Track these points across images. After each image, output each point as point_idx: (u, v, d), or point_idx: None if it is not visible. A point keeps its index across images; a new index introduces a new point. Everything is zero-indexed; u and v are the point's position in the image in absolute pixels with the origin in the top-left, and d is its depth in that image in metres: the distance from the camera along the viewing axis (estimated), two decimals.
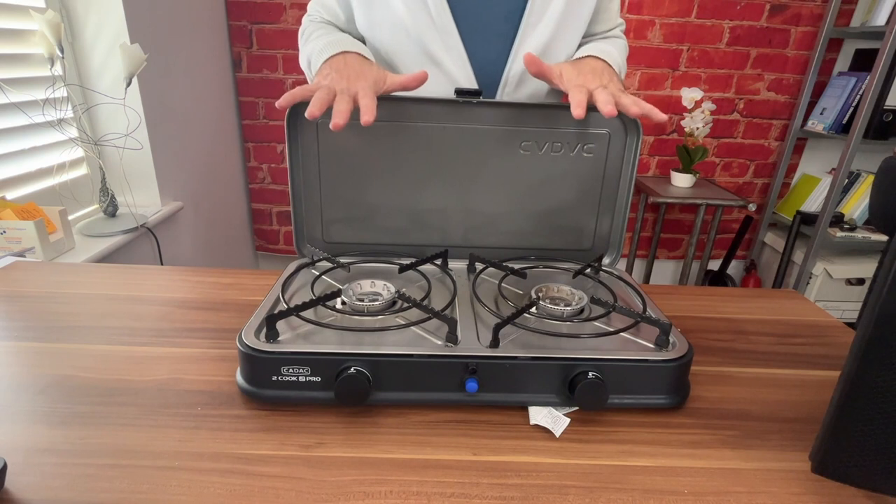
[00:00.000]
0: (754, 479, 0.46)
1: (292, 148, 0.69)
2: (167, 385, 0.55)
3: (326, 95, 0.56)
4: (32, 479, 0.42)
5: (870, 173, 2.25)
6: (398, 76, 0.65)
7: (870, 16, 2.03)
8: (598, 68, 0.70)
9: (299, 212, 0.73)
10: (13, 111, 1.21)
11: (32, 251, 1.10)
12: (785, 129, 2.31)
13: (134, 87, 1.40)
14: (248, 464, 0.45)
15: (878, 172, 0.88)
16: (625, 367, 0.52)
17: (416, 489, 0.43)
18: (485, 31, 0.77)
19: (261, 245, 2.43)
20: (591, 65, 0.71)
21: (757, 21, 2.12)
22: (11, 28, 1.21)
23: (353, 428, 0.50)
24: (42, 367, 0.57)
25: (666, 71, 2.18)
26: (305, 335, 0.55)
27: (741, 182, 2.41)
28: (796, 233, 2.19)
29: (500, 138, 0.71)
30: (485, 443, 0.49)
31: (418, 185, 0.73)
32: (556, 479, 0.45)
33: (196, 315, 0.70)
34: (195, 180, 1.82)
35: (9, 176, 1.21)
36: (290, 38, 2.07)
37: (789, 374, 0.63)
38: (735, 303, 0.80)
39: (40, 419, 0.49)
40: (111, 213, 1.43)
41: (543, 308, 0.61)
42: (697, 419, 0.54)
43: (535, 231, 0.76)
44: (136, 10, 1.44)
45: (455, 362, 0.51)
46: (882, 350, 0.39)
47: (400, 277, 0.69)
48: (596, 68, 0.70)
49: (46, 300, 0.72)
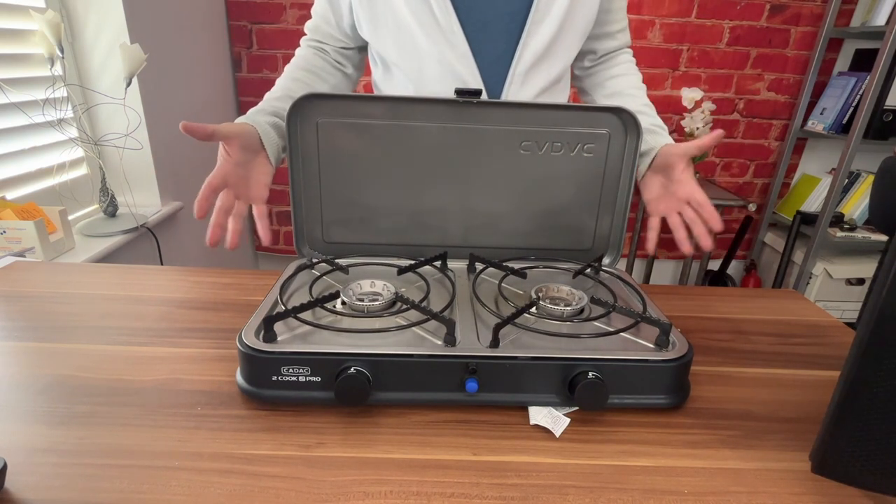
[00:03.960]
0: (754, 479, 0.46)
1: (292, 148, 0.69)
2: (167, 385, 0.55)
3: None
4: (32, 479, 0.42)
5: (870, 173, 2.25)
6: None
7: (870, 16, 2.03)
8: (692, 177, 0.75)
9: (299, 212, 0.73)
10: (13, 111, 1.21)
11: (32, 251, 1.10)
12: (785, 129, 2.31)
13: (134, 87, 1.40)
14: (247, 464, 0.45)
15: (878, 172, 0.88)
16: (625, 367, 0.52)
17: (416, 489, 0.43)
18: (489, 29, 0.77)
19: (261, 245, 2.43)
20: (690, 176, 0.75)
21: (757, 21, 2.12)
22: (11, 28, 1.21)
23: (352, 428, 0.50)
24: (42, 367, 0.57)
25: (666, 71, 2.18)
26: (305, 335, 0.55)
27: (741, 182, 2.41)
28: (796, 233, 2.19)
29: (500, 138, 0.71)
30: (485, 443, 0.49)
31: (418, 186, 0.73)
32: (556, 479, 0.45)
33: (196, 315, 0.69)
34: (195, 180, 1.81)
35: (9, 176, 1.21)
36: (290, 38, 2.07)
37: (789, 374, 0.63)
38: (735, 303, 0.80)
39: (40, 419, 0.49)
40: (111, 213, 1.43)
41: (543, 308, 0.61)
42: (697, 419, 0.54)
43: (535, 231, 0.76)
44: (136, 10, 1.44)
45: (455, 362, 0.51)
46: (882, 350, 0.39)
47: (399, 278, 0.69)
48: (693, 179, 0.75)
49: (46, 300, 0.72)
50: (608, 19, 0.85)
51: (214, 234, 0.66)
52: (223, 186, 0.67)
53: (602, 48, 0.87)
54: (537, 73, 0.80)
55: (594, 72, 0.90)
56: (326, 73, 0.85)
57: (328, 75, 0.85)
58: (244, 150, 0.69)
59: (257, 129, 0.70)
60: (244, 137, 0.68)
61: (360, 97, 0.70)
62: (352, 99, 0.69)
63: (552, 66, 0.81)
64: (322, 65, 0.85)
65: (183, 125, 0.60)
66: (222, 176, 0.67)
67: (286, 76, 0.81)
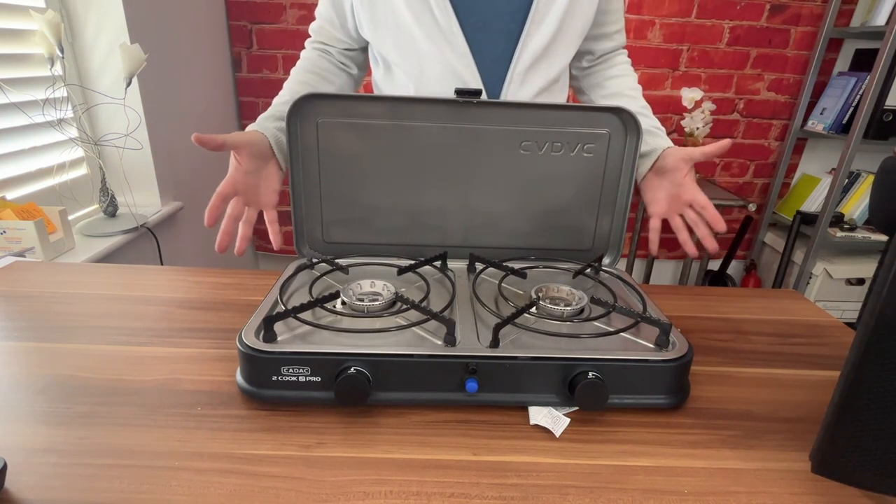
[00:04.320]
0: (754, 479, 0.46)
1: (292, 148, 0.69)
2: (167, 385, 0.55)
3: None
4: (32, 479, 0.42)
5: (870, 173, 2.25)
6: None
7: (870, 16, 2.03)
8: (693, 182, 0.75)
9: (299, 212, 0.73)
10: (13, 111, 1.21)
11: (32, 251, 1.10)
12: (785, 129, 2.31)
13: (134, 87, 1.40)
14: (247, 464, 0.45)
15: (878, 172, 0.88)
16: (625, 367, 0.52)
17: (416, 489, 0.43)
18: (489, 29, 0.77)
19: (261, 245, 2.43)
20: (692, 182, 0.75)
21: (757, 21, 2.12)
22: (11, 28, 1.22)
23: (352, 428, 0.50)
24: (42, 367, 0.57)
25: (666, 71, 2.18)
26: (305, 335, 0.54)
27: (741, 182, 2.41)
28: (796, 233, 2.19)
29: (500, 138, 0.71)
30: (485, 443, 0.49)
31: (418, 186, 0.73)
32: (556, 479, 0.45)
33: (196, 315, 0.69)
34: (195, 180, 1.82)
35: (9, 176, 1.21)
36: (290, 38, 2.07)
37: (789, 374, 0.63)
38: (735, 303, 0.80)
39: (40, 419, 0.49)
40: (111, 213, 1.43)
41: (543, 308, 0.61)
42: (697, 419, 0.54)
43: (535, 231, 0.76)
44: (136, 10, 1.44)
45: (455, 362, 0.51)
46: (882, 350, 0.39)
47: (399, 278, 0.69)
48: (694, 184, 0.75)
49: (46, 300, 0.72)
50: (606, 20, 0.85)
51: (223, 241, 0.66)
52: (234, 195, 0.68)
53: (600, 49, 0.88)
54: (536, 73, 0.80)
55: (592, 72, 0.90)
56: (332, 74, 0.86)
57: (334, 77, 0.86)
58: (254, 158, 0.69)
59: (267, 137, 0.71)
60: (254, 146, 0.69)
61: (360, 97, 0.70)
62: (352, 99, 0.69)
63: (551, 66, 0.81)
64: (328, 66, 0.85)
65: (195, 137, 0.61)
66: (233, 184, 0.67)
67: (293, 79, 0.82)
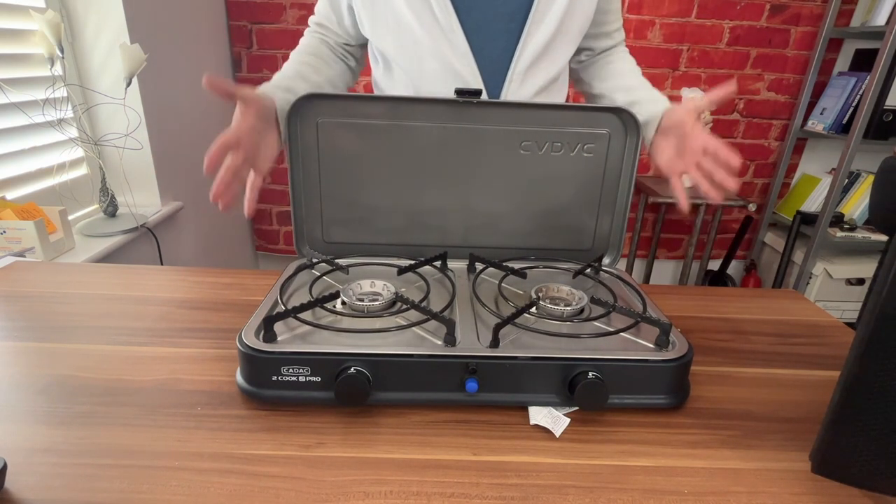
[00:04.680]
0: (754, 479, 0.46)
1: (292, 148, 0.69)
2: (167, 385, 0.55)
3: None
4: (32, 479, 0.42)
5: (870, 173, 2.25)
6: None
7: (870, 16, 2.03)
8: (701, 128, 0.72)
9: (299, 212, 0.73)
10: (13, 111, 1.21)
11: (32, 251, 1.10)
12: (785, 129, 2.31)
13: (134, 87, 1.40)
14: (247, 464, 0.45)
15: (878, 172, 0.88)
16: (625, 367, 0.52)
17: (416, 489, 0.43)
18: (489, 28, 0.77)
19: (261, 245, 2.43)
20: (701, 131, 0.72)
21: (757, 21, 2.12)
22: (11, 28, 1.21)
23: (352, 428, 0.50)
24: (42, 367, 0.57)
25: (666, 71, 2.18)
26: (305, 335, 0.55)
27: (741, 182, 2.41)
28: (796, 233, 2.19)
29: (500, 138, 0.71)
30: (485, 443, 0.49)
31: (418, 186, 0.73)
32: (556, 479, 0.45)
33: (196, 315, 0.69)
34: (195, 180, 1.82)
35: (9, 176, 1.21)
36: (291, 38, 2.07)
37: (789, 374, 0.63)
38: (735, 303, 0.80)
39: (40, 419, 0.49)
40: (111, 213, 1.43)
41: (543, 308, 0.61)
42: (697, 419, 0.54)
43: (535, 231, 0.76)
44: (136, 10, 1.44)
45: (455, 362, 0.51)
46: (882, 350, 0.39)
47: (399, 278, 0.69)
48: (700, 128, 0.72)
49: (46, 300, 0.72)
50: (605, 19, 0.85)
51: (219, 190, 0.62)
52: (236, 145, 0.64)
53: (599, 46, 0.89)
54: (536, 72, 0.80)
55: (591, 63, 0.91)
56: (332, 60, 0.86)
57: (333, 62, 0.86)
58: (259, 118, 0.67)
59: (275, 102, 0.70)
60: (263, 107, 0.68)
61: (360, 97, 0.70)
62: (352, 99, 0.69)
63: (551, 65, 0.81)
64: (328, 52, 0.86)
65: (206, 78, 0.59)
66: (237, 136, 0.64)
67: (294, 60, 0.82)
